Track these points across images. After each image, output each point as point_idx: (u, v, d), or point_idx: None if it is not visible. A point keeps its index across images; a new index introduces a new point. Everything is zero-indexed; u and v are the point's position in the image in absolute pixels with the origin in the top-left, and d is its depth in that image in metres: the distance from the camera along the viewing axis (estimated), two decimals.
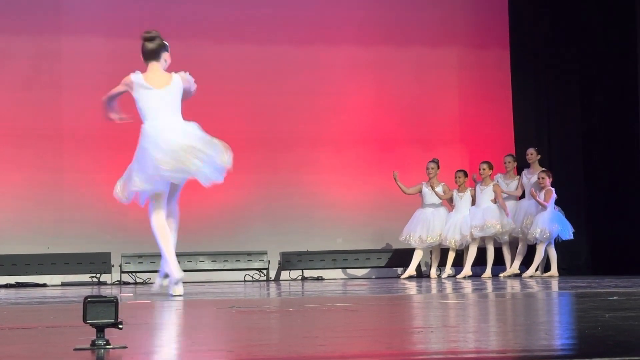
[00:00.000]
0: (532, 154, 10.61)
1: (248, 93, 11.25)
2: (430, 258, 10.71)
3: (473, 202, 10.49)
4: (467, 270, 10.32)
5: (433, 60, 11.75)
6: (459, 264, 10.50)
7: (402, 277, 10.52)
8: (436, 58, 11.76)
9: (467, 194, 10.51)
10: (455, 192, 10.57)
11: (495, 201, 10.45)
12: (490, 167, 10.53)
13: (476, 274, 10.39)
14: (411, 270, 10.50)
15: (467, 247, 10.44)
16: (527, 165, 10.66)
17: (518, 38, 11.50)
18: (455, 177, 10.58)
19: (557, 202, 10.23)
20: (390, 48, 11.67)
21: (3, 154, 10.65)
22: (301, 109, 11.38)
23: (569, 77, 11.16)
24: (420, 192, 10.66)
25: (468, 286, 7.79)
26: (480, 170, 10.51)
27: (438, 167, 10.64)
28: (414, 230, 10.51)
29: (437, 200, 10.59)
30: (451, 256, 10.45)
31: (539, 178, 10.23)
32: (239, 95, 11.22)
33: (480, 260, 10.47)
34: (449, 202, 10.68)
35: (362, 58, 11.59)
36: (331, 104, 11.45)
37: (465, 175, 10.58)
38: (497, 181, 10.59)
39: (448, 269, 10.43)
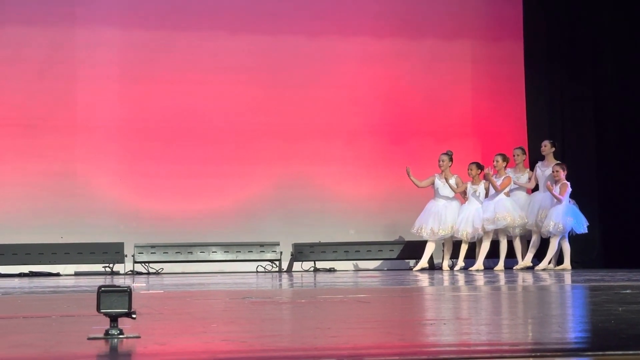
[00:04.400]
0: (546, 146, 10.56)
1: (261, 84, 11.25)
2: (443, 250, 10.69)
3: (487, 195, 10.46)
4: (479, 264, 10.30)
5: (446, 53, 11.72)
6: (471, 256, 10.48)
7: (415, 269, 10.52)
8: (449, 51, 11.73)
9: (481, 186, 10.46)
10: (469, 185, 10.53)
11: (508, 194, 10.41)
12: (505, 159, 10.48)
13: (489, 267, 10.38)
14: (423, 262, 10.49)
15: (480, 240, 10.42)
16: (541, 158, 10.62)
17: (532, 31, 11.46)
18: (468, 169, 10.53)
19: (570, 196, 10.19)
20: (403, 40, 11.65)
21: (17, 144, 10.68)
22: (314, 100, 11.38)
23: (582, 69, 11.11)
24: (433, 184, 10.63)
25: (480, 279, 7.78)
26: (494, 162, 10.47)
27: (450, 159, 10.60)
28: (426, 222, 10.49)
29: (449, 193, 10.56)
30: (464, 249, 10.43)
31: (553, 171, 10.18)
32: (252, 86, 11.23)
33: (493, 253, 10.44)
34: (462, 195, 10.65)
35: (375, 50, 11.57)
36: (344, 95, 11.44)
37: (479, 167, 10.53)
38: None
39: (460, 262, 10.41)
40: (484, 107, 11.74)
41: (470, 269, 10.25)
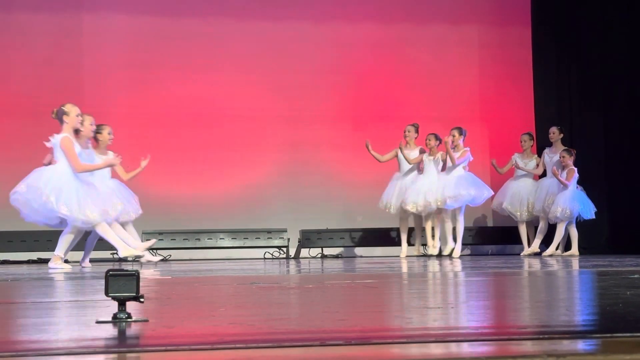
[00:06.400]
0: (554, 133, 10.53)
1: (269, 71, 11.24)
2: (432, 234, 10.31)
3: (443, 168, 10.14)
4: (457, 250, 9.83)
5: (454, 38, 11.68)
6: (479, 243, 10.41)
7: (402, 256, 10.21)
8: (457, 36, 11.69)
9: (438, 159, 10.12)
10: (425, 156, 10.13)
11: (466, 168, 9.92)
12: (461, 133, 10.10)
13: (480, 253, 10.35)
14: (404, 246, 10.19)
15: (439, 222, 9.99)
16: (549, 144, 10.60)
17: (540, 16, 11.41)
18: (426, 140, 10.17)
19: (578, 182, 10.17)
20: (411, 25, 11.62)
21: (25, 131, 10.68)
22: (321, 86, 11.36)
23: (591, 55, 11.06)
24: (397, 157, 10.39)
25: (488, 264, 7.78)
26: (450, 137, 10.09)
27: (416, 131, 10.29)
28: (391, 198, 10.19)
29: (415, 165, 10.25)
30: (428, 227, 10.01)
31: (560, 156, 10.16)
32: (260, 72, 11.22)
33: (498, 240, 10.41)
34: (418, 167, 10.22)
35: (383, 35, 11.54)
36: (352, 81, 11.43)
37: (437, 138, 10.13)
38: (515, 161, 10.51)
39: (436, 242, 9.91)
40: (491, 93, 11.71)
41: (451, 254, 9.88)
